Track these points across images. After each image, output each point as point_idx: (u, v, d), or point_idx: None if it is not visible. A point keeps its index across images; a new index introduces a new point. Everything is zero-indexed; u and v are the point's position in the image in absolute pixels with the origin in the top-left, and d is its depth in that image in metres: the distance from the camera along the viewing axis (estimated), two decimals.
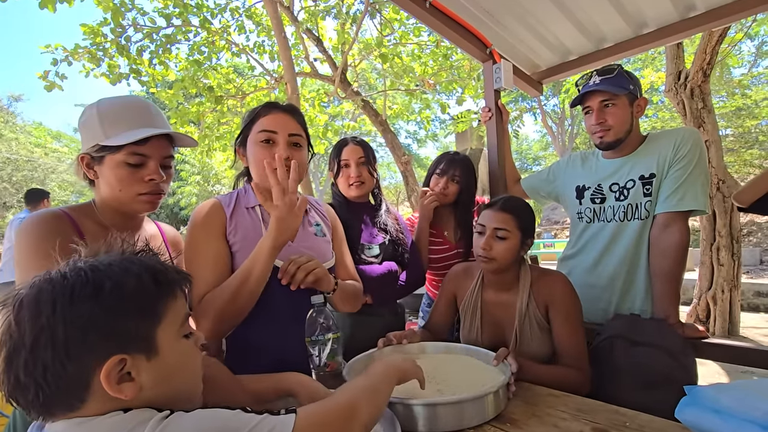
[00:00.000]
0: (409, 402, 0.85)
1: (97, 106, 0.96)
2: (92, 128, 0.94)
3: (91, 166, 0.97)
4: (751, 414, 0.63)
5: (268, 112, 1.10)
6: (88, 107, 0.97)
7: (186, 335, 0.60)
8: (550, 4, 1.84)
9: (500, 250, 1.23)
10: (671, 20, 1.92)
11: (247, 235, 1.08)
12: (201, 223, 1.07)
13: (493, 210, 1.27)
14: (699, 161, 1.42)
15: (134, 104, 0.99)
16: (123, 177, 0.95)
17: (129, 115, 0.96)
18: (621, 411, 0.89)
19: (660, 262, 1.42)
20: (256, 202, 1.14)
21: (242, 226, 1.09)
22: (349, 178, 1.59)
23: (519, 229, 1.25)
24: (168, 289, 0.57)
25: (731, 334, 4.56)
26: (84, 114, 0.97)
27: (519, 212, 1.26)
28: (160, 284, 0.56)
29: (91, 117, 0.95)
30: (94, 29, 5.19)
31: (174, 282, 0.59)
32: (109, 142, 0.92)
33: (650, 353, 1.24)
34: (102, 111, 0.95)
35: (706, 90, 4.45)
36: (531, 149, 26.93)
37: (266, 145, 1.07)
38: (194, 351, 0.62)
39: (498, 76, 2.05)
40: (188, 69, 5.95)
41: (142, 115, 0.98)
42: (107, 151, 0.94)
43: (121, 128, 0.94)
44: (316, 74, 6.56)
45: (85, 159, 0.96)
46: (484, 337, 1.33)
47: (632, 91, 1.49)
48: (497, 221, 1.24)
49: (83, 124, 0.96)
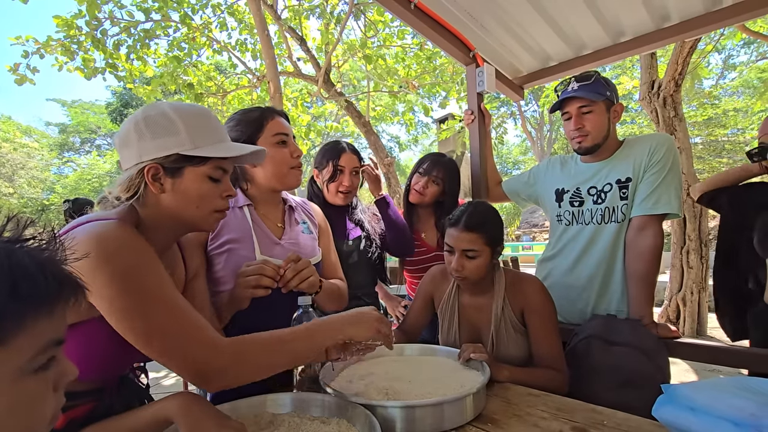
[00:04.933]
0: (387, 404, 0.84)
1: (173, 109, 0.83)
2: (168, 133, 0.81)
3: (158, 178, 0.82)
4: (724, 411, 0.65)
5: (276, 116, 1.19)
6: (151, 107, 0.84)
7: (39, 367, 0.41)
8: (533, 11, 1.88)
9: (472, 269, 1.23)
10: (647, 30, 1.99)
11: (235, 236, 1.11)
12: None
13: (458, 230, 1.24)
14: (672, 166, 1.47)
15: (210, 113, 0.90)
16: (206, 192, 0.85)
17: (212, 125, 0.87)
18: (598, 410, 0.91)
19: (635, 265, 1.46)
20: (244, 201, 1.18)
21: (229, 227, 1.13)
22: (341, 185, 1.59)
23: (488, 244, 1.23)
24: (32, 306, 0.40)
25: (699, 334, 4.74)
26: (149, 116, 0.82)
27: (485, 227, 1.23)
28: (19, 298, 0.38)
29: (167, 120, 0.81)
30: (68, 21, 5.02)
31: (49, 296, 0.41)
32: (203, 153, 0.82)
33: (626, 353, 1.27)
34: (184, 117, 0.83)
35: (677, 99, 4.62)
36: (511, 153, 27.41)
37: (283, 146, 1.17)
38: (40, 394, 0.42)
39: (481, 79, 2.07)
40: (167, 65, 5.80)
41: (221, 127, 0.90)
42: (188, 163, 0.83)
43: (210, 139, 0.85)
44: (299, 74, 6.51)
45: (152, 169, 0.80)
46: (462, 340, 1.34)
47: (609, 97, 1.53)
48: (465, 242, 1.22)
49: (148, 126, 0.81)
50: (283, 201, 1.29)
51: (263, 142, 1.14)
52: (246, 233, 1.12)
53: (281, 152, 1.16)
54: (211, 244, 1.10)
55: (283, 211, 1.27)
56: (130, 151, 0.81)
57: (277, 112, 1.21)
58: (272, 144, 1.15)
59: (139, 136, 0.80)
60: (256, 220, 1.16)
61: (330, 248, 1.36)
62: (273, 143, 1.15)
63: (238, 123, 1.16)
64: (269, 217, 1.22)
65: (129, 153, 0.82)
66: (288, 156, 1.16)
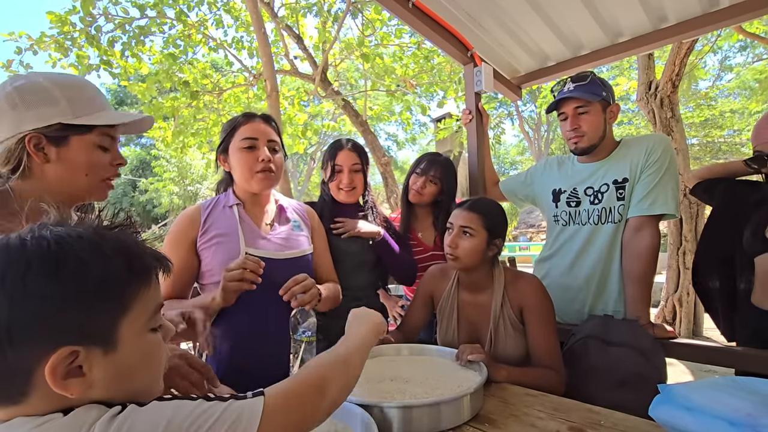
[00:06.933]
0: (384, 405, 0.84)
1: (48, 79, 0.82)
2: (46, 103, 0.79)
3: (41, 147, 0.80)
4: (720, 411, 0.65)
5: (248, 121, 1.21)
6: (18, 78, 0.82)
7: (154, 328, 0.52)
8: (531, 11, 1.88)
9: (466, 248, 1.26)
10: (645, 30, 1.99)
11: (223, 231, 1.17)
12: (173, 231, 1.16)
13: (461, 209, 1.32)
14: (669, 167, 1.47)
15: (87, 83, 0.89)
16: (95, 160, 0.85)
17: (90, 94, 0.86)
18: (595, 410, 0.91)
19: (632, 265, 1.46)
20: (234, 201, 1.23)
21: (217, 224, 1.18)
22: (340, 183, 1.58)
23: (485, 228, 1.27)
24: (142, 277, 0.50)
25: (695, 335, 4.76)
26: (21, 86, 0.79)
27: (486, 212, 1.30)
28: (133, 270, 0.49)
29: (43, 90, 0.80)
30: (62, 18, 4.98)
31: (150, 268, 0.51)
32: (86, 121, 0.81)
33: (623, 353, 1.27)
34: (61, 87, 0.82)
35: (674, 100, 4.64)
36: (508, 153, 27.46)
37: (249, 151, 1.18)
38: (159, 347, 0.53)
39: (479, 79, 2.07)
40: (163, 62, 5.78)
41: (99, 95, 0.89)
42: (73, 131, 0.82)
43: (91, 108, 0.84)
44: (296, 72, 6.48)
45: (34, 138, 0.79)
46: (460, 338, 1.34)
47: (605, 97, 1.53)
48: (464, 220, 1.29)
49: (22, 96, 0.79)
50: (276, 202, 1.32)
51: (234, 147, 1.19)
52: (233, 229, 1.17)
53: (246, 156, 1.18)
54: (200, 240, 1.16)
55: (274, 211, 1.30)
56: (3, 121, 0.79)
57: (259, 116, 1.24)
58: (239, 148, 1.18)
59: (12, 106, 0.78)
60: (244, 217, 1.21)
61: (325, 249, 1.39)
62: (240, 148, 1.18)
63: (221, 129, 1.25)
64: (258, 215, 1.25)
65: (2, 124, 0.79)
66: (252, 161, 1.17)
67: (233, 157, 1.21)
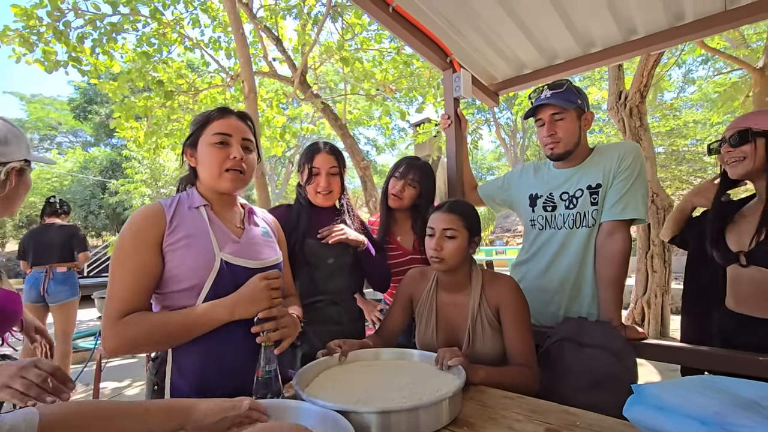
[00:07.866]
0: (361, 410, 0.83)
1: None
2: None
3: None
4: (691, 410, 0.67)
5: (222, 116, 1.14)
6: None
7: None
8: (508, 20, 1.92)
9: (450, 249, 1.29)
10: (615, 42, 2.07)
11: (192, 233, 1.06)
12: (134, 230, 1.02)
13: (440, 212, 1.35)
14: (640, 173, 1.52)
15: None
16: None
17: None
18: (571, 411, 0.93)
19: (605, 269, 1.50)
20: (200, 202, 1.13)
21: (185, 225, 1.07)
22: (318, 186, 1.55)
23: (466, 228, 1.32)
24: None
25: (663, 336, 4.94)
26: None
27: (464, 213, 1.34)
28: None
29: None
30: (28, 11, 4.75)
31: None
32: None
33: (597, 354, 1.30)
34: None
35: (642, 110, 4.83)
36: (485, 159, 27.93)
37: (221, 147, 1.11)
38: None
39: (457, 84, 2.10)
40: (136, 61, 5.59)
41: None
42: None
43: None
44: (274, 74, 6.40)
45: None
46: (439, 338, 1.35)
47: (580, 105, 1.57)
48: (445, 222, 1.31)
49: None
50: (242, 206, 1.26)
51: (204, 141, 1.12)
52: (203, 230, 1.08)
53: (216, 152, 1.11)
54: (167, 241, 1.04)
55: (242, 214, 1.23)
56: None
57: (235, 113, 1.18)
58: (209, 144, 1.11)
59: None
60: (213, 219, 1.13)
61: (287, 262, 1.35)
62: (211, 143, 1.11)
63: (192, 121, 1.18)
64: (227, 217, 1.17)
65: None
66: (223, 157, 1.10)
67: (202, 152, 1.13)
